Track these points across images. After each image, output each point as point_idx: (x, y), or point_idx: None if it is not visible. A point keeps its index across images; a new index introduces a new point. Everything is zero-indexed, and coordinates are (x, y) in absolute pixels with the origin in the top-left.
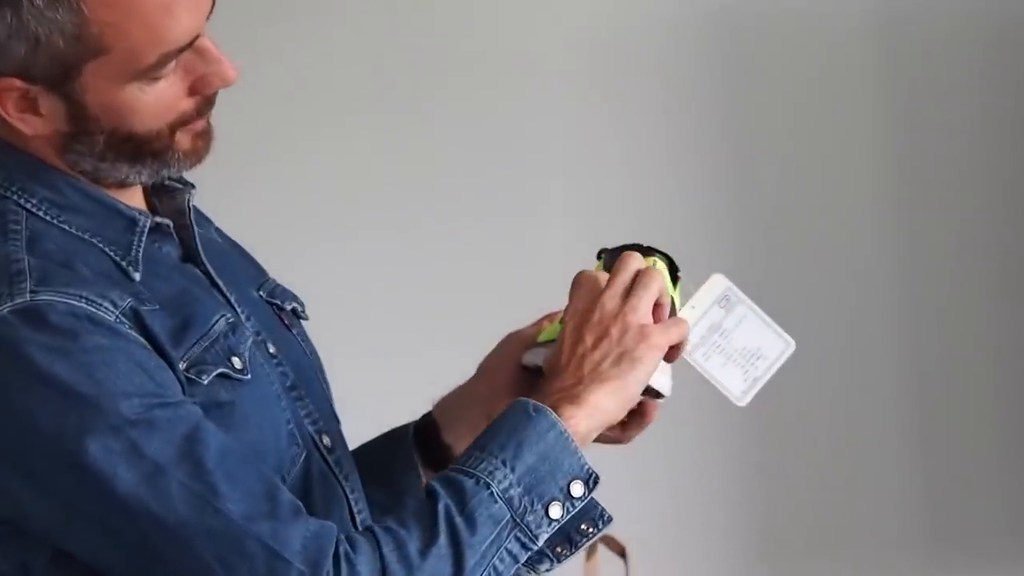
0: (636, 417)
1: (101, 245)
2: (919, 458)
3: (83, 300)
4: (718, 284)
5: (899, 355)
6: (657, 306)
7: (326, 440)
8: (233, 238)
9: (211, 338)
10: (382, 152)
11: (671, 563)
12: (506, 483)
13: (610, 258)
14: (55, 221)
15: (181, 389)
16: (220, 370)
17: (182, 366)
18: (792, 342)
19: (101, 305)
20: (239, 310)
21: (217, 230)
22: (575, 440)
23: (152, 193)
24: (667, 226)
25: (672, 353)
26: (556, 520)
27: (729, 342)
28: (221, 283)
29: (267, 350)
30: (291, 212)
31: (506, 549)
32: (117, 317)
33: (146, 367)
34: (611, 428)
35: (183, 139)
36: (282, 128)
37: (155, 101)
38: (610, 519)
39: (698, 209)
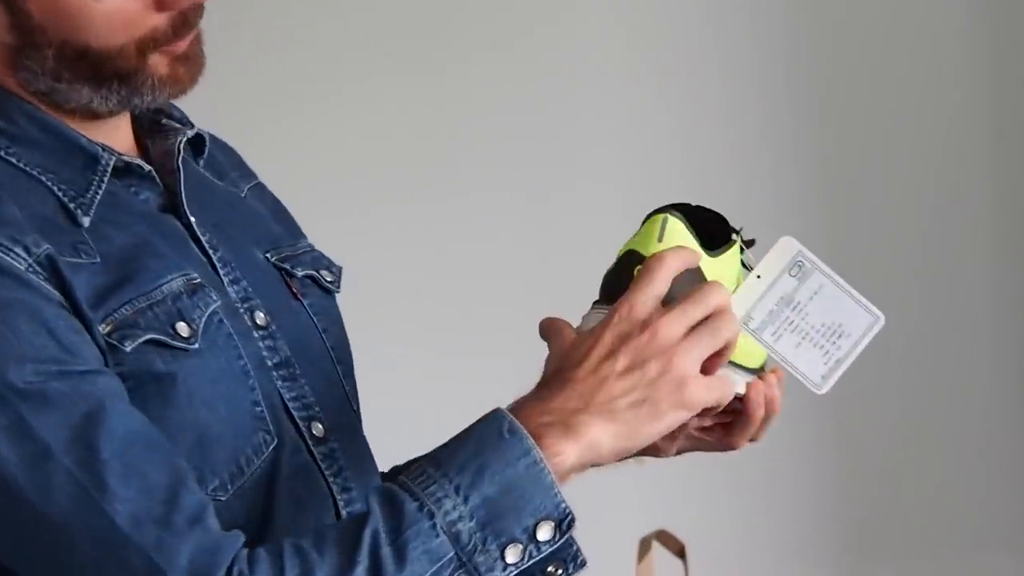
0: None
1: (51, 184)
2: (1004, 458)
3: None
4: (788, 248)
5: (991, 346)
6: (716, 355)
7: (317, 428)
8: (276, 196)
9: (152, 299)
10: (412, 123)
11: (732, 564)
12: (455, 514)
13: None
14: (2, 153)
15: (101, 356)
16: (150, 336)
17: (102, 328)
18: (881, 316)
19: (11, 251)
20: (222, 271)
21: (256, 186)
22: (553, 474)
23: (148, 134)
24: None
25: (713, 361)
26: (512, 565)
27: (804, 318)
28: (204, 239)
29: (252, 319)
30: (316, 185)
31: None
32: (29, 266)
33: (53, 328)
34: (711, 433)
35: (158, 63)
36: (303, 101)
37: (112, 12)
38: (584, 563)
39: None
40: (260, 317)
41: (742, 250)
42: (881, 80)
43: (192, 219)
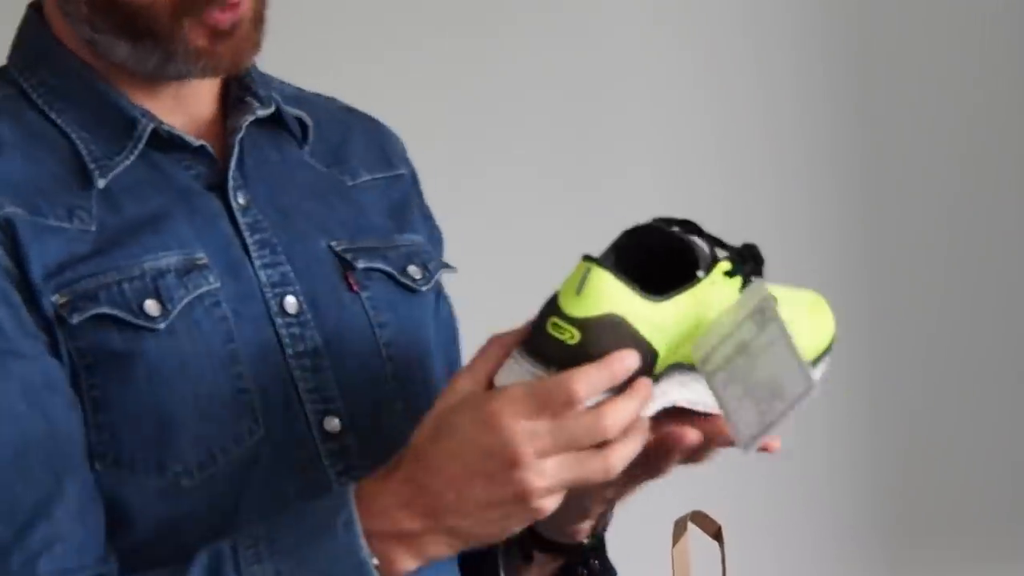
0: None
1: (80, 143)
2: None
3: None
4: (757, 292)
5: None
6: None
7: (331, 423)
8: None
9: (126, 274)
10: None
11: (769, 545)
12: None
13: (614, 257)
14: (44, 107)
15: (37, 333)
16: (102, 311)
17: (55, 299)
18: (814, 383)
19: None
20: (256, 254)
21: (391, 177)
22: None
23: (230, 110)
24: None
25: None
26: None
27: (752, 370)
28: (245, 220)
29: (279, 305)
30: None
31: None
32: None
33: None
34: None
35: (197, 33)
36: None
37: None
38: None
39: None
40: (290, 303)
41: (745, 276)
42: (923, 78)
43: (239, 198)
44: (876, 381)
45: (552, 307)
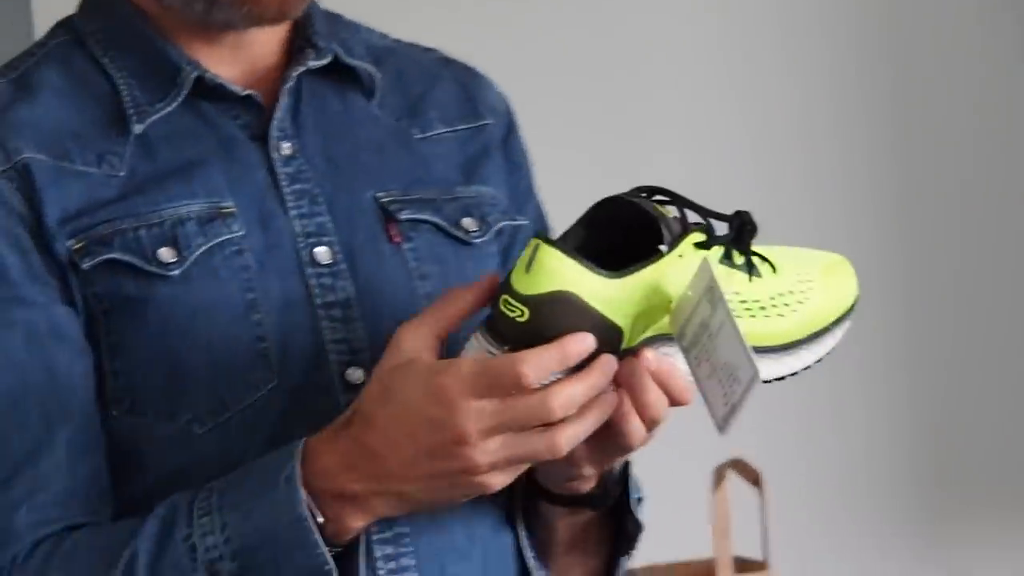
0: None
1: (125, 89)
2: None
3: None
4: (704, 272)
5: None
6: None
7: (354, 375)
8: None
9: (144, 221)
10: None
11: (808, 492)
12: (215, 553)
13: (588, 225)
14: (97, 53)
15: (46, 280)
16: (113, 256)
17: (70, 244)
18: (759, 372)
19: None
20: (292, 204)
21: (470, 130)
22: (316, 533)
23: (290, 61)
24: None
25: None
26: None
27: (714, 350)
28: (285, 171)
29: (310, 255)
30: None
31: None
32: (4, 170)
33: None
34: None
35: None
36: None
37: None
38: None
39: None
40: (322, 253)
41: (734, 246)
42: (956, 75)
43: (282, 148)
44: (912, 331)
45: (504, 285)
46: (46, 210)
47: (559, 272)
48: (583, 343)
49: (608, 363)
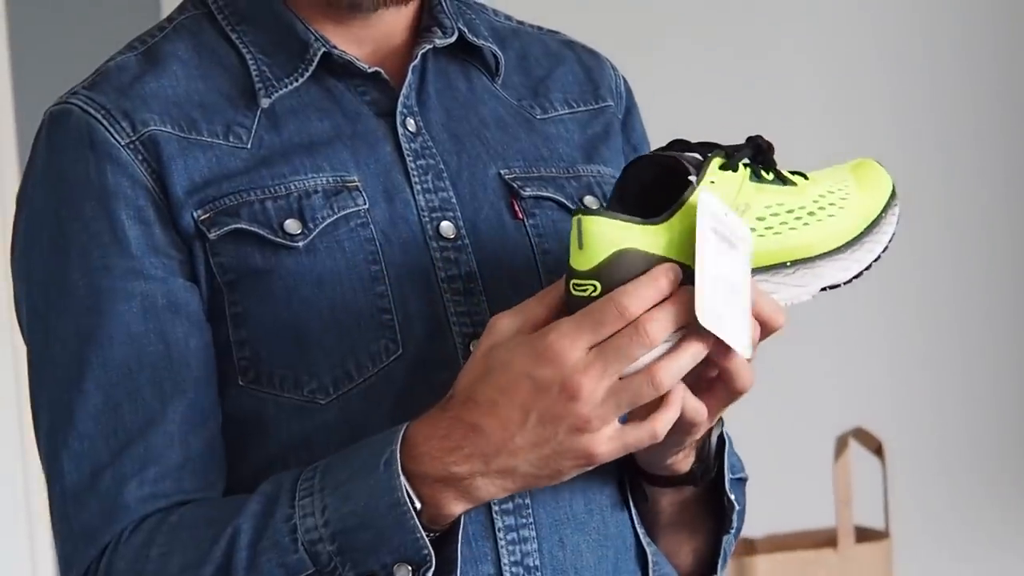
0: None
1: (254, 64)
2: None
3: (101, 112)
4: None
5: None
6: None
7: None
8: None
9: (271, 193)
10: None
11: (930, 461)
12: (315, 534)
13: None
14: (227, 28)
15: (167, 251)
16: (240, 226)
17: (198, 214)
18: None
19: (117, 123)
20: (417, 179)
21: (593, 110)
22: (416, 518)
23: (418, 40)
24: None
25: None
26: None
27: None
28: (412, 146)
29: (436, 229)
30: None
31: None
32: (130, 143)
33: (113, 214)
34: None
35: None
36: None
37: None
38: None
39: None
40: (446, 228)
41: (758, 163)
42: None
43: (408, 125)
44: None
45: (568, 272)
46: (173, 181)
47: (610, 235)
48: (672, 271)
49: (684, 293)
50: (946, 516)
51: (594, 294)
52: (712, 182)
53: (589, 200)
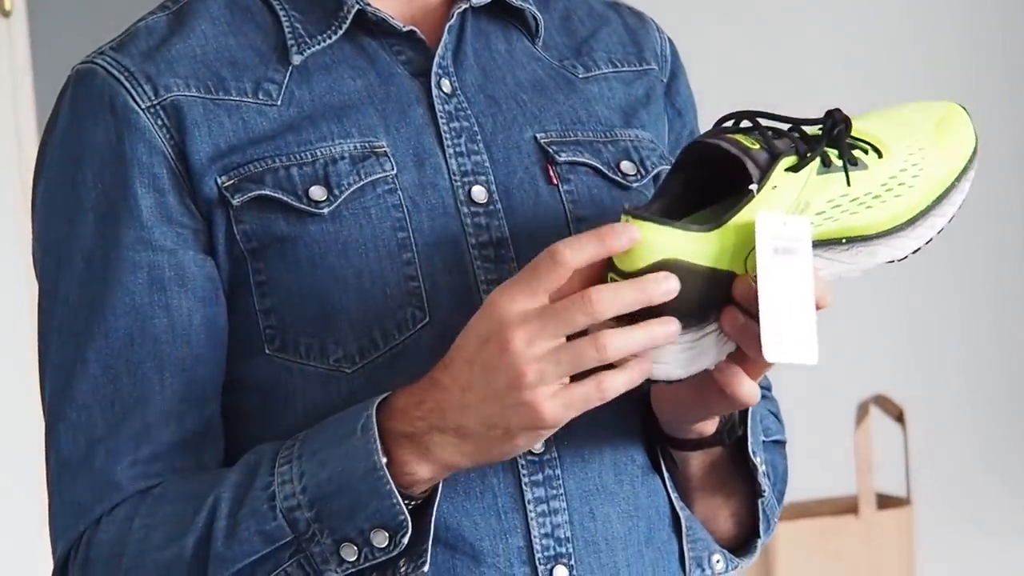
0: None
1: (287, 21)
2: None
3: (124, 74)
4: (763, 235)
5: None
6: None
7: None
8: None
9: (297, 160)
10: None
11: (951, 428)
12: (292, 501)
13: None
14: None
15: (180, 220)
16: (264, 192)
17: (222, 180)
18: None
19: (139, 87)
20: (450, 142)
21: (636, 72)
22: (392, 483)
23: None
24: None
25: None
26: (350, 563)
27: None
28: (446, 108)
29: (467, 194)
30: None
31: (287, 571)
32: (151, 106)
33: (130, 185)
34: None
35: None
36: None
37: None
38: (421, 565)
39: None
40: (479, 193)
41: (830, 147)
42: None
43: (443, 86)
44: None
45: (609, 263)
46: (196, 147)
47: (655, 243)
48: (626, 231)
49: (667, 278)
50: (967, 482)
51: None
52: (774, 187)
53: (626, 165)
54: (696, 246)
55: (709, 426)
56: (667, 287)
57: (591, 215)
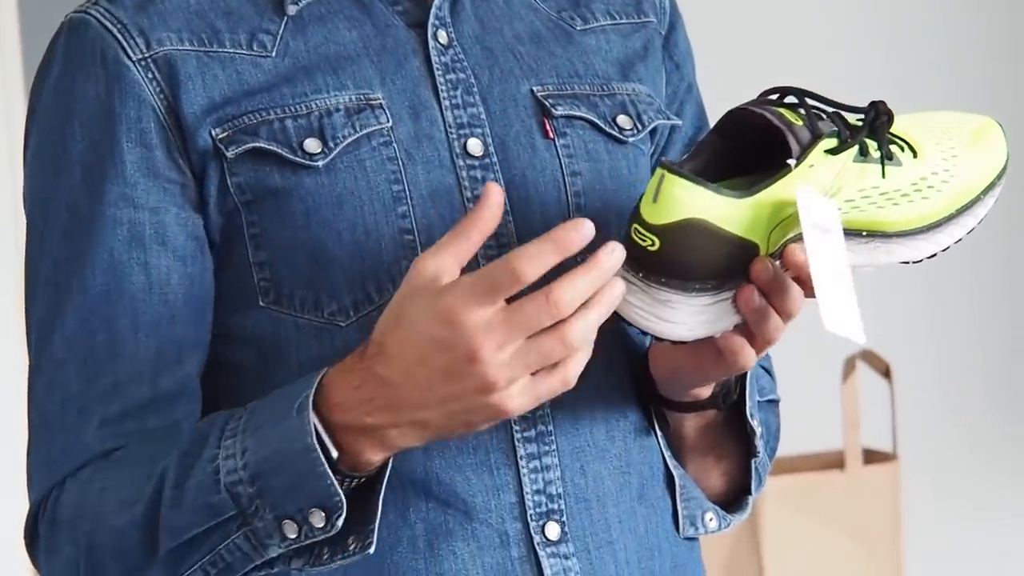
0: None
1: None
2: None
3: (117, 27)
4: (806, 211)
5: None
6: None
7: None
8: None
9: (291, 112)
10: None
11: (936, 383)
12: (235, 476)
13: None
14: None
15: (168, 176)
16: (258, 145)
17: (216, 132)
18: (862, 336)
19: (131, 39)
20: (446, 94)
21: (634, 24)
22: (325, 465)
23: None
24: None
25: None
26: (292, 539)
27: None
28: (442, 59)
29: (463, 147)
30: None
31: (235, 543)
32: (142, 59)
33: (118, 139)
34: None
35: None
36: None
37: None
38: (369, 545)
39: None
40: (474, 145)
41: (870, 138)
42: None
43: (439, 37)
44: None
45: (634, 214)
46: (190, 100)
47: (685, 200)
48: (579, 229)
49: (615, 249)
50: (953, 437)
51: (651, 247)
52: (811, 166)
53: (623, 119)
54: (726, 210)
55: (705, 389)
56: (584, 232)
57: (587, 169)
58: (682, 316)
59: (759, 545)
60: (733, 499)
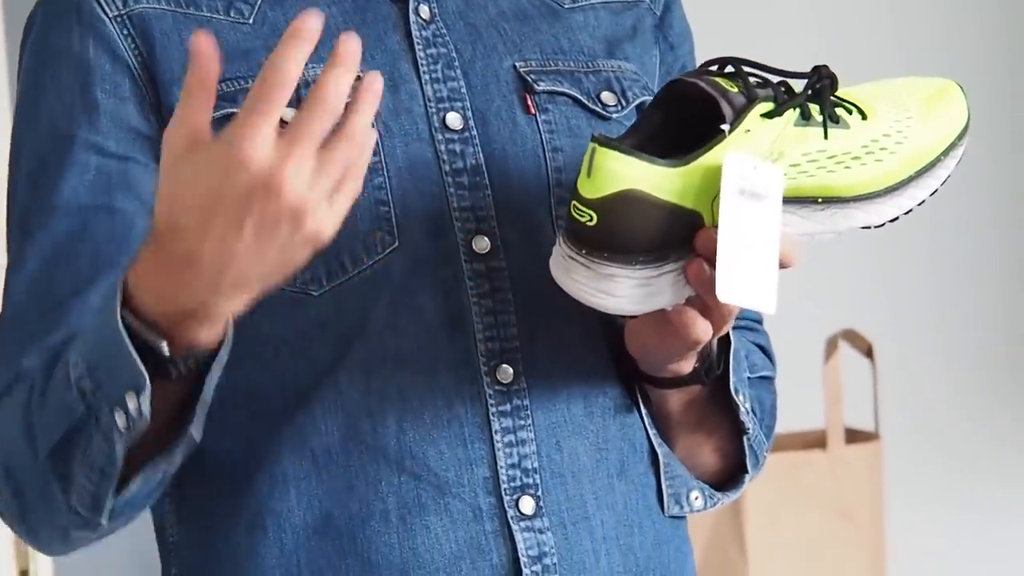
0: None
1: None
2: None
3: None
4: (730, 174)
5: None
6: None
7: (480, 243)
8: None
9: None
10: None
11: (920, 363)
12: (78, 371)
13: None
14: None
15: (139, 130)
16: (233, 111)
17: None
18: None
19: None
20: (426, 67)
21: (623, 2)
22: (132, 351)
23: None
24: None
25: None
26: (122, 431)
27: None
28: (423, 34)
29: (442, 121)
30: None
31: (96, 446)
32: (118, 16)
33: (88, 88)
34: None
35: None
36: None
37: None
38: (189, 419)
39: None
40: (453, 119)
41: (812, 102)
42: None
43: (421, 11)
44: None
45: (572, 191)
46: (167, 56)
47: (619, 172)
48: (310, 18)
49: (351, 36)
50: (936, 417)
51: (590, 223)
52: (747, 131)
53: (606, 96)
54: (660, 180)
55: (685, 365)
56: (311, 24)
57: (568, 145)
58: (625, 289)
59: (741, 524)
60: (729, 477)
